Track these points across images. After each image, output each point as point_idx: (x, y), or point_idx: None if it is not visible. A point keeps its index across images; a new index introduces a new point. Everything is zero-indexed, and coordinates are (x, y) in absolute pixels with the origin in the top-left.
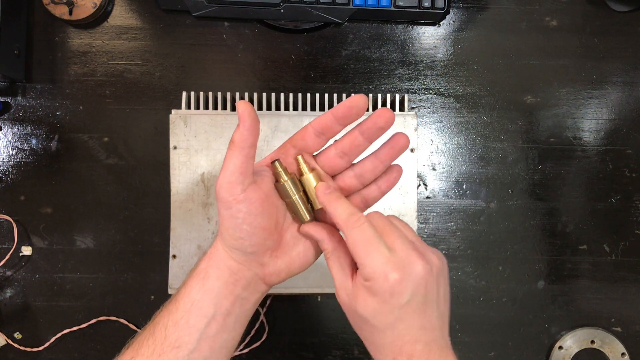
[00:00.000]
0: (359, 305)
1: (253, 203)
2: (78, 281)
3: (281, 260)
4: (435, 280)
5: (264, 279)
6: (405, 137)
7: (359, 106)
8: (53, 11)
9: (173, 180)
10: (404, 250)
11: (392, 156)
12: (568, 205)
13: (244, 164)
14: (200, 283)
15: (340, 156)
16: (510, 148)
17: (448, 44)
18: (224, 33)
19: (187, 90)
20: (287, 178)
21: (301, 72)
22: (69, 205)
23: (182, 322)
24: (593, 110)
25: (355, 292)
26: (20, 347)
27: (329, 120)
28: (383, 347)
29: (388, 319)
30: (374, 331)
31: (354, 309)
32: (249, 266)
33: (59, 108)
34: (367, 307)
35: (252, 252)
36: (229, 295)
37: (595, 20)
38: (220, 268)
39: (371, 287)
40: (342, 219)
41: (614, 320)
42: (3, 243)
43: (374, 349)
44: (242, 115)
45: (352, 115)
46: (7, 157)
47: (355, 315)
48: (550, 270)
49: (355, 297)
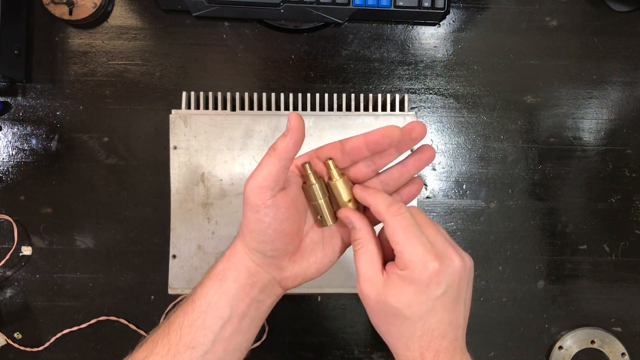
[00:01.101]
0: (391, 295)
1: (280, 209)
2: (78, 281)
3: (299, 265)
4: (467, 279)
5: (281, 282)
6: (432, 149)
7: (392, 137)
8: (53, 11)
9: (173, 180)
10: (443, 243)
11: (419, 167)
12: (568, 205)
13: (279, 171)
14: (218, 284)
15: (367, 165)
16: (510, 148)
17: (448, 44)
18: (224, 33)
19: (187, 90)
20: (316, 181)
21: (301, 72)
22: (69, 205)
23: (197, 322)
24: (593, 110)
25: (388, 283)
26: (20, 347)
27: (360, 144)
28: (412, 340)
29: (421, 309)
30: (404, 323)
31: (385, 300)
32: (267, 269)
33: (59, 108)
34: (401, 297)
35: (273, 255)
36: (246, 297)
37: (595, 20)
38: (239, 270)
39: (408, 275)
40: (384, 207)
41: (614, 320)
42: (3, 243)
43: (401, 344)
44: (293, 128)
45: (384, 144)
46: (7, 157)
47: (383, 308)
48: (550, 270)
49: (387, 287)
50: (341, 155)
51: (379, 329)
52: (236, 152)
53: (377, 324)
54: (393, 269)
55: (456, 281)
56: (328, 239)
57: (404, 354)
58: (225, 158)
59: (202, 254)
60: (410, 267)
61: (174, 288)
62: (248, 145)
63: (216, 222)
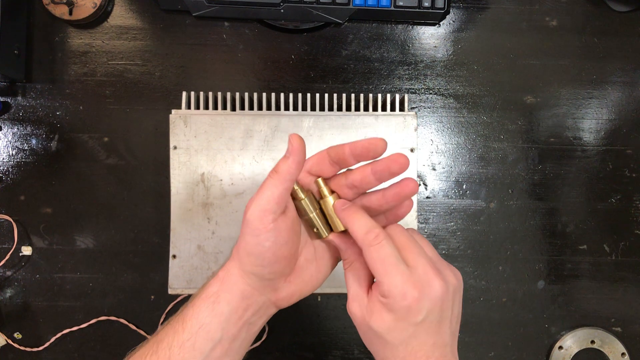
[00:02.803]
0: (373, 320)
1: (281, 232)
2: (78, 281)
3: (294, 284)
4: (451, 299)
5: (276, 302)
6: (414, 183)
7: (376, 150)
8: (53, 11)
9: (173, 180)
10: (423, 268)
11: (398, 200)
12: (568, 205)
13: (282, 194)
14: (211, 306)
15: (349, 187)
16: (510, 148)
17: (448, 44)
18: (224, 33)
19: (187, 90)
20: (305, 195)
21: (301, 72)
22: (69, 205)
23: (187, 344)
24: (593, 110)
25: (371, 306)
26: (20, 347)
27: (346, 154)
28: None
29: (402, 335)
30: (386, 346)
31: (368, 323)
32: (263, 291)
33: (59, 108)
34: (382, 323)
35: (270, 279)
36: (238, 320)
37: (595, 20)
38: (233, 292)
39: (388, 303)
40: (360, 234)
41: (614, 320)
42: (3, 243)
43: None
44: (294, 150)
45: (368, 155)
46: (7, 157)
47: (368, 330)
48: (550, 270)
49: (370, 311)
50: (330, 165)
51: (367, 347)
52: (236, 152)
53: (365, 341)
54: (376, 294)
55: (438, 305)
56: (320, 254)
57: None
58: (225, 158)
59: (202, 254)
60: (389, 297)
61: (174, 288)
62: (248, 145)
63: (216, 222)
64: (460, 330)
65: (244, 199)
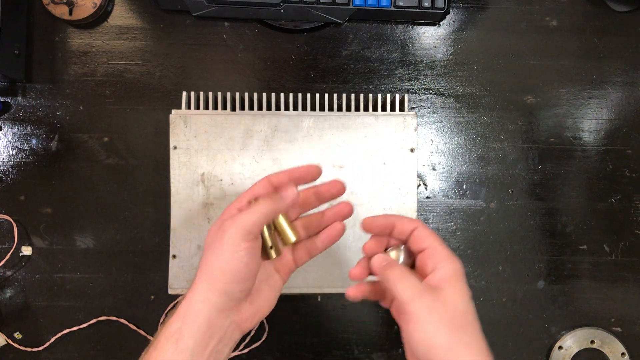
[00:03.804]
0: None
1: (256, 248)
2: (78, 281)
3: (254, 304)
4: None
5: (240, 325)
6: (350, 206)
7: (312, 175)
8: (53, 11)
9: (173, 180)
10: None
11: (334, 219)
12: (568, 205)
13: (267, 218)
14: (174, 345)
15: (293, 207)
16: (510, 148)
17: (448, 44)
18: (224, 33)
19: (187, 90)
20: None
21: (301, 72)
22: (69, 205)
23: None
24: (593, 110)
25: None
26: (21, 347)
27: (285, 180)
28: (480, 338)
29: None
30: (474, 322)
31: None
32: (229, 313)
33: (59, 108)
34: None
35: (238, 297)
36: (204, 351)
37: (595, 20)
38: (196, 323)
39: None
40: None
41: (614, 320)
42: (3, 243)
43: (475, 348)
44: (292, 201)
45: (306, 180)
46: (7, 157)
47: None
48: (550, 270)
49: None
50: (272, 191)
51: (444, 348)
52: (236, 152)
53: (444, 340)
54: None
55: None
56: (270, 275)
57: (479, 358)
58: (225, 158)
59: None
60: (453, 261)
61: (174, 288)
62: (248, 145)
63: None
64: None
65: None
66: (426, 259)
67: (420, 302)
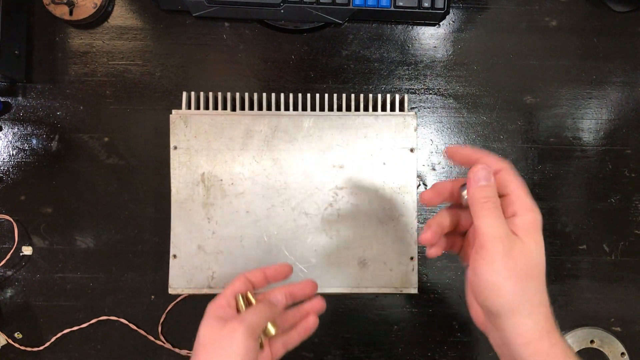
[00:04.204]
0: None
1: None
2: (78, 281)
3: None
4: None
5: None
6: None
7: (284, 274)
8: (53, 11)
9: (173, 180)
10: None
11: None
12: (568, 205)
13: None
14: None
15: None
16: (510, 148)
17: (448, 44)
18: (224, 33)
19: (187, 91)
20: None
21: (301, 72)
22: (70, 205)
23: None
24: (593, 110)
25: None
26: (21, 347)
27: (261, 277)
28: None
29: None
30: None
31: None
32: None
33: (59, 108)
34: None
35: None
36: None
37: (595, 20)
38: None
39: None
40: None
41: (614, 320)
42: (3, 243)
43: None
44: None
45: (279, 278)
46: (8, 157)
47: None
48: (550, 270)
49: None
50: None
51: (509, 295)
52: (236, 152)
53: (512, 288)
54: (518, 222)
55: None
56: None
57: (540, 310)
58: (225, 158)
59: (202, 254)
60: (535, 212)
61: (174, 288)
62: (248, 145)
63: (216, 222)
64: (460, 330)
65: (244, 199)
66: (507, 204)
67: (501, 243)
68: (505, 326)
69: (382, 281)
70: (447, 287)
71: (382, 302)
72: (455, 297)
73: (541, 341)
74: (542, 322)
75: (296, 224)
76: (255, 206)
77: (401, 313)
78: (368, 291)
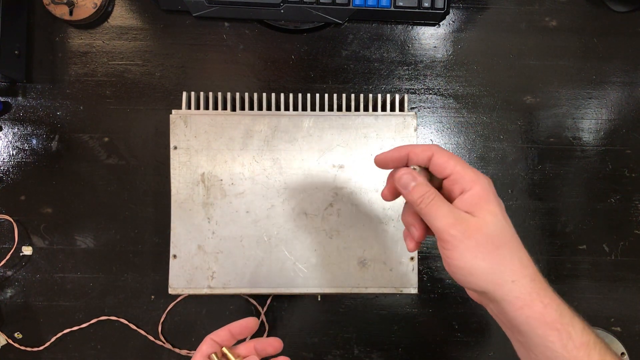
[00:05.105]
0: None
1: None
2: (78, 281)
3: None
4: None
5: None
6: (278, 345)
7: (250, 329)
8: (53, 11)
9: (173, 180)
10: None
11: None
12: (567, 205)
13: None
14: None
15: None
16: (510, 148)
17: (448, 44)
18: (224, 33)
19: (187, 91)
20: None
21: (301, 72)
22: (70, 205)
23: None
24: (593, 111)
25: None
26: (21, 347)
27: (227, 337)
28: (524, 254)
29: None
30: (513, 239)
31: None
32: None
33: (59, 108)
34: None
35: None
36: None
37: (595, 20)
38: None
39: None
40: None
41: (614, 320)
42: (3, 243)
43: (517, 264)
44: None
45: (245, 334)
46: (8, 157)
47: (486, 236)
48: (550, 270)
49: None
50: (218, 347)
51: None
52: (236, 152)
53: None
54: (466, 198)
55: None
56: None
57: (523, 273)
58: (225, 158)
59: (202, 254)
60: (480, 182)
61: (174, 288)
62: (248, 145)
63: (216, 222)
64: (460, 330)
65: (244, 199)
66: (452, 185)
67: (455, 229)
68: (495, 298)
69: (382, 281)
70: (447, 287)
71: (382, 302)
72: (455, 297)
73: (533, 304)
74: (529, 284)
75: (296, 224)
76: (255, 206)
77: (401, 313)
78: (368, 291)
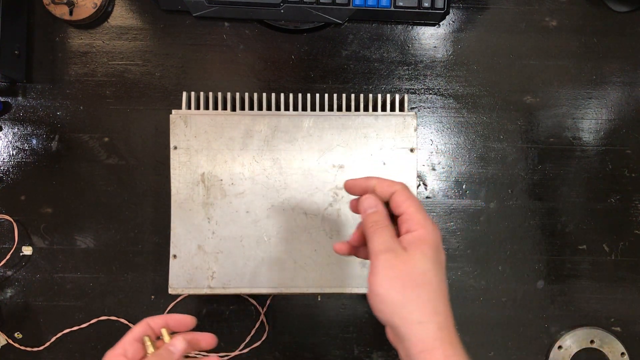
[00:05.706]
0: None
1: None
2: (78, 281)
3: None
4: None
5: None
6: (212, 340)
7: (186, 325)
8: (53, 11)
9: (173, 180)
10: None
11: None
12: (568, 205)
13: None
14: None
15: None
16: (510, 148)
17: (448, 44)
18: (224, 33)
19: (187, 91)
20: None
21: (301, 72)
22: (69, 205)
23: None
24: (593, 111)
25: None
26: (21, 347)
27: (162, 324)
28: (441, 301)
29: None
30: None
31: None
32: None
33: (59, 108)
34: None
35: None
36: None
37: (595, 20)
38: None
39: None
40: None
41: (614, 320)
42: (3, 243)
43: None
44: (176, 350)
45: (180, 328)
46: (8, 157)
47: (411, 274)
48: (550, 270)
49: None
50: (151, 331)
51: (396, 304)
52: (236, 152)
53: (397, 296)
54: (407, 237)
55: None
56: None
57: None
58: (225, 158)
59: (202, 254)
60: (425, 227)
61: (174, 288)
62: (248, 145)
63: (216, 222)
64: (460, 330)
65: (244, 199)
66: (402, 222)
67: (384, 257)
68: (401, 335)
69: None
70: None
71: None
72: (454, 297)
73: (434, 351)
74: (435, 331)
75: (296, 224)
76: (255, 206)
77: None
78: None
